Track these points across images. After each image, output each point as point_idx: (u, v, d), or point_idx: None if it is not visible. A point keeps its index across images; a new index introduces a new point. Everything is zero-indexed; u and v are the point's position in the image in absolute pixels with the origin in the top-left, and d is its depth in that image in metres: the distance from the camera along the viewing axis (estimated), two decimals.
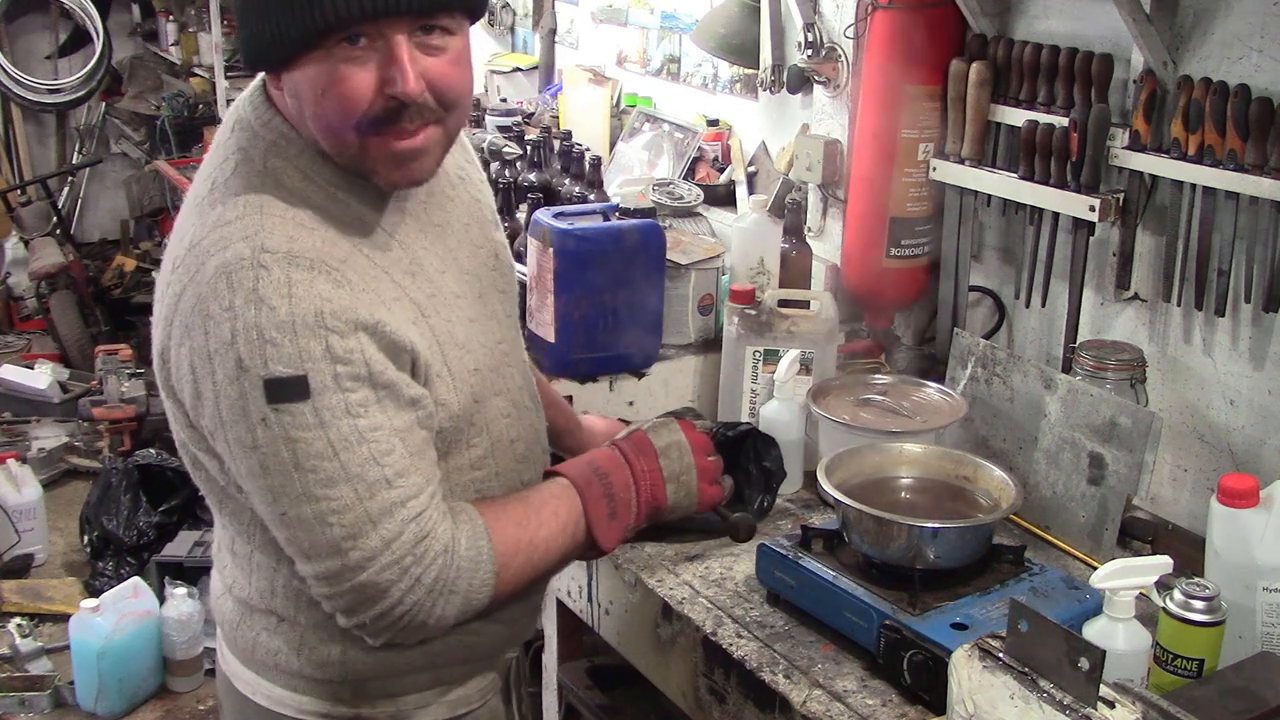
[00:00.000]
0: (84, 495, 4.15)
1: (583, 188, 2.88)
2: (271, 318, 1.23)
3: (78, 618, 3.38)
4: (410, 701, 1.50)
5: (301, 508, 1.27)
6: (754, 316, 2.30)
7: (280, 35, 1.26)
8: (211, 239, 1.28)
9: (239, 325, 1.23)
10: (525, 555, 1.42)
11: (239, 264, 1.25)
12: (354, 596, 1.30)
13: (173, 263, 1.32)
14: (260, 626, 1.48)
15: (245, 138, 1.37)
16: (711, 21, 2.95)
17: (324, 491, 1.26)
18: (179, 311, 1.29)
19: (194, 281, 1.27)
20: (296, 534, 1.29)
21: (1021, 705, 1.25)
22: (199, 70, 6.09)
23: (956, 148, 2.33)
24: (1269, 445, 1.98)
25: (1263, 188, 1.87)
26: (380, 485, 1.28)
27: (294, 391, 1.23)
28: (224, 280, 1.25)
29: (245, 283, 1.24)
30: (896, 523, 1.69)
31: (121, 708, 3.40)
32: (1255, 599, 1.60)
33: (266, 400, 1.23)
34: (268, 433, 1.24)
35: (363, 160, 1.33)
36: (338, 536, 1.27)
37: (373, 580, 1.29)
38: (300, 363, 1.23)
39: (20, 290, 6.09)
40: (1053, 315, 2.33)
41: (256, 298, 1.23)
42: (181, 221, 1.36)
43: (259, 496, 1.30)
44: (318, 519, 1.27)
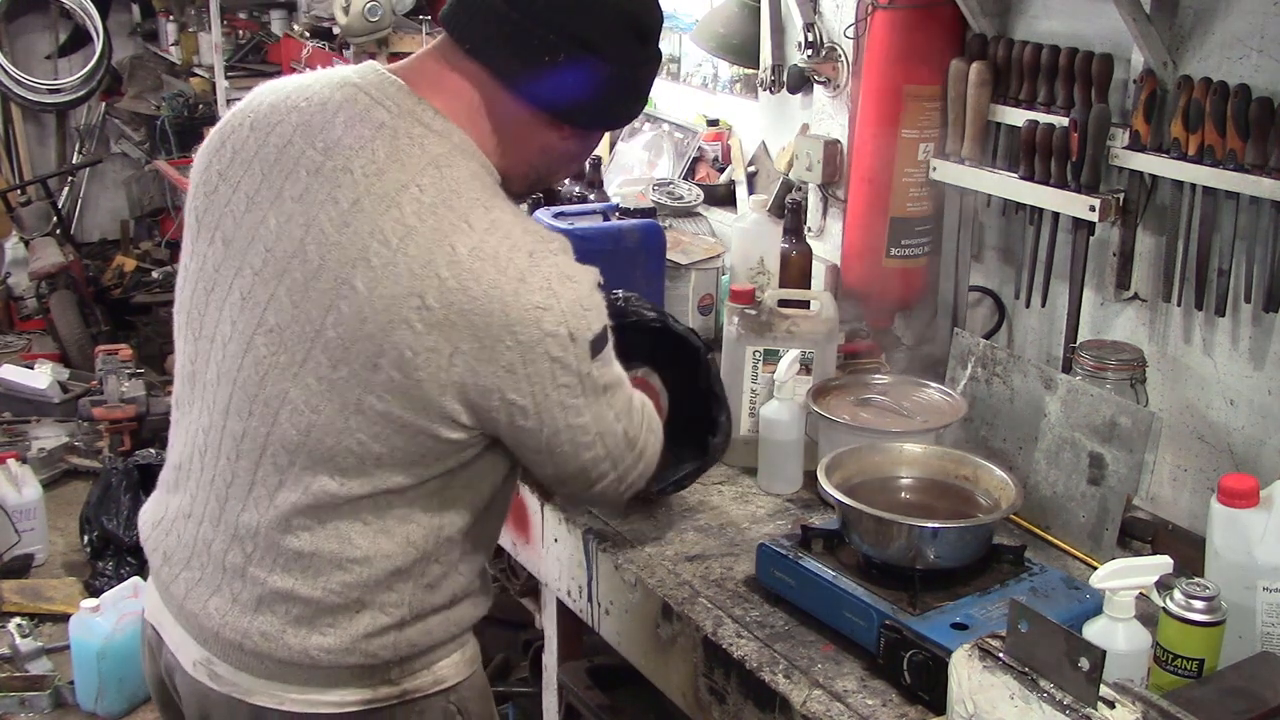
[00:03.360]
0: (84, 495, 4.15)
1: (583, 188, 2.88)
2: (581, 290, 1.42)
3: (78, 618, 3.38)
4: (444, 667, 1.57)
5: (607, 416, 1.49)
6: (754, 316, 2.30)
7: (621, 115, 1.63)
8: (495, 240, 1.38)
9: (564, 306, 1.39)
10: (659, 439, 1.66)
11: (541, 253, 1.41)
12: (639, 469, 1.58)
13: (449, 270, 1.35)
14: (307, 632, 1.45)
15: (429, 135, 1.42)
16: (711, 21, 2.95)
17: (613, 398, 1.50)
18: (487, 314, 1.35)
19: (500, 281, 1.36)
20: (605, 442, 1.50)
21: (1021, 705, 1.25)
22: (199, 70, 6.08)
23: (957, 148, 2.33)
24: (1269, 445, 1.98)
25: (1263, 188, 1.87)
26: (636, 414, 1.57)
27: (604, 341, 1.46)
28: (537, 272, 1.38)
29: (554, 269, 1.40)
30: (896, 523, 1.69)
31: (121, 708, 3.40)
32: (1255, 599, 1.60)
33: (591, 355, 1.43)
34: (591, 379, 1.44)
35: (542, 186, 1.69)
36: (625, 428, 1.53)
37: (649, 451, 1.60)
38: (603, 318, 1.46)
39: (20, 290, 6.09)
40: (1053, 315, 2.33)
41: (566, 278, 1.41)
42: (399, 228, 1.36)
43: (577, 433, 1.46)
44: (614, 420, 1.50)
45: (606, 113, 1.55)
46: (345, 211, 1.38)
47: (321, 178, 1.41)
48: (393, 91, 1.44)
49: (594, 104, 1.49)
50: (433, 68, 1.47)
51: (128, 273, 6.12)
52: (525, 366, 1.38)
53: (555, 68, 1.43)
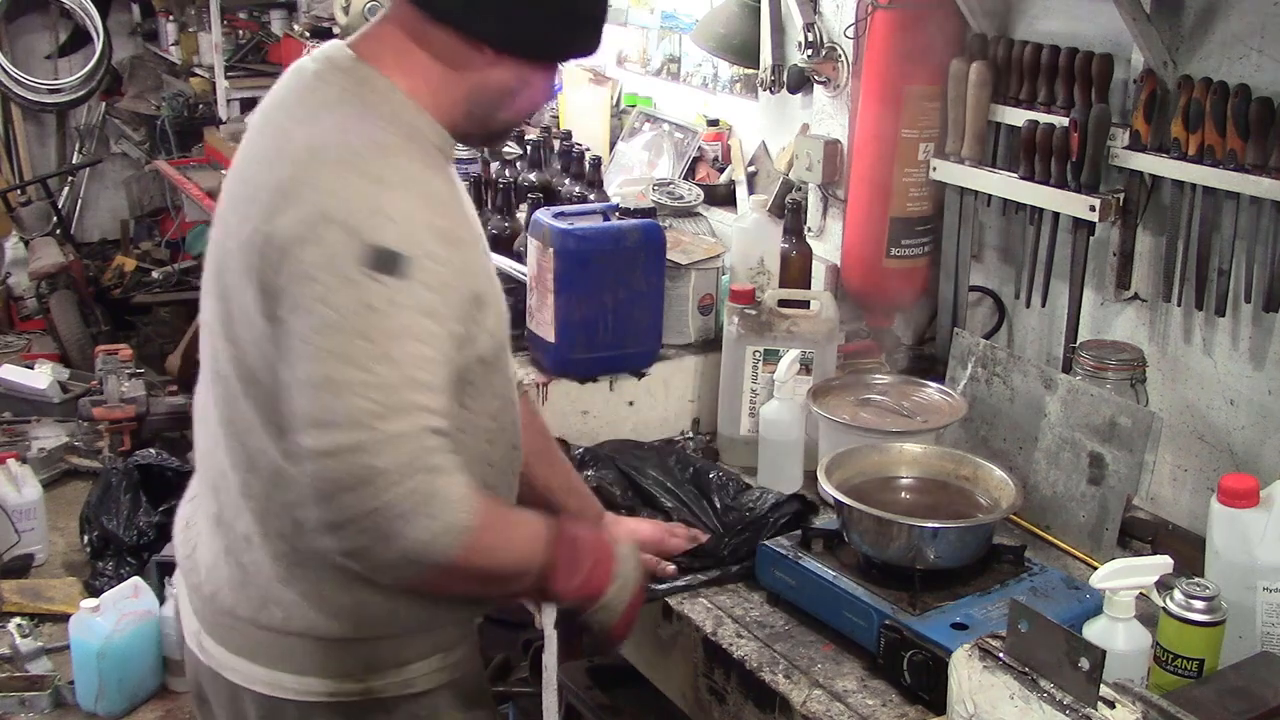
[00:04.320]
0: (84, 495, 4.15)
1: (583, 188, 2.88)
2: (393, 199, 1.34)
3: (78, 618, 3.38)
4: (415, 670, 1.54)
5: (348, 371, 1.30)
6: (754, 316, 2.30)
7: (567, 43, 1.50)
8: (331, 135, 1.38)
9: (356, 199, 1.33)
10: (497, 538, 1.43)
11: (365, 150, 1.36)
12: (351, 477, 1.30)
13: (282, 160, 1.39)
14: (272, 578, 1.48)
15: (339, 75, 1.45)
16: (711, 21, 2.95)
17: (373, 365, 1.31)
18: (282, 193, 1.35)
19: (313, 166, 1.35)
20: (328, 398, 1.31)
21: (1021, 705, 1.25)
22: (199, 70, 6.08)
23: (957, 148, 2.33)
24: (1269, 445, 1.98)
25: (1263, 188, 1.87)
26: (420, 386, 1.33)
27: (392, 265, 1.31)
28: (350, 162, 1.35)
29: (373, 168, 1.35)
30: (896, 523, 1.69)
31: (121, 708, 3.40)
32: (1255, 599, 1.60)
33: (362, 263, 1.30)
34: (351, 293, 1.30)
35: (507, 136, 1.63)
36: (365, 410, 1.30)
37: (375, 464, 1.30)
38: (407, 244, 1.32)
39: (20, 290, 6.08)
40: (1053, 315, 2.33)
41: (379, 178, 1.34)
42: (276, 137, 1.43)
43: (309, 356, 1.32)
44: (357, 386, 1.30)
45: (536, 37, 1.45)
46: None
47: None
48: (324, 52, 1.49)
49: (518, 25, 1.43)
50: (376, 24, 1.50)
51: (128, 273, 6.11)
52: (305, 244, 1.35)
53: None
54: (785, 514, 1.96)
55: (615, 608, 1.58)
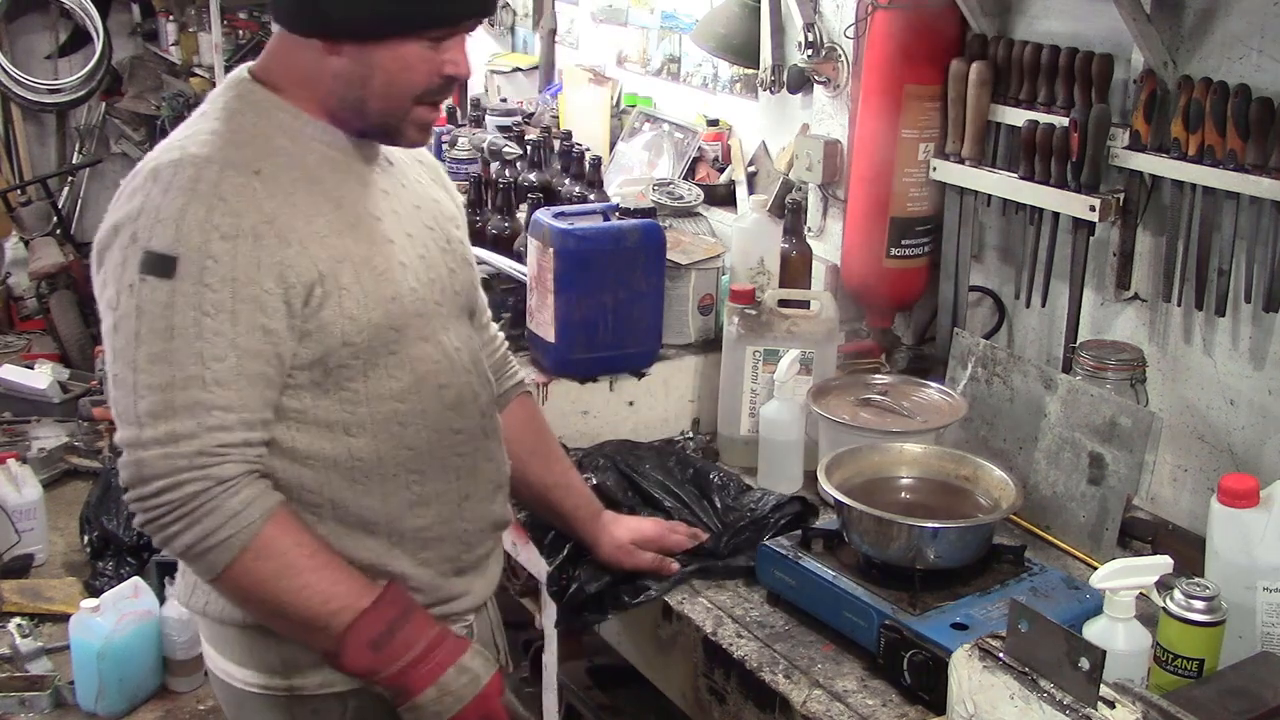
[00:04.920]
0: (84, 495, 4.15)
1: (583, 188, 2.88)
2: (170, 204, 1.38)
3: (78, 618, 3.38)
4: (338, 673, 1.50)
5: (126, 372, 1.38)
6: (754, 316, 2.30)
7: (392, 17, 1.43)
8: (159, 150, 1.46)
9: (146, 205, 1.39)
10: (277, 570, 1.41)
11: (167, 163, 1.42)
12: (131, 470, 1.38)
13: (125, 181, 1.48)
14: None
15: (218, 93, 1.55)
16: (711, 21, 2.95)
17: (146, 365, 1.37)
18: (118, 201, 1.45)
19: (131, 178, 1.45)
20: (116, 395, 1.39)
21: (1021, 705, 1.25)
22: (199, 70, 6.08)
23: (956, 148, 2.33)
24: (1269, 445, 1.98)
25: (1263, 188, 1.87)
26: (194, 382, 1.37)
27: (161, 268, 1.37)
28: (151, 175, 1.42)
29: (164, 176, 1.41)
30: (896, 523, 1.69)
31: (121, 708, 3.39)
32: (1255, 599, 1.60)
33: (139, 269, 1.37)
34: (128, 298, 1.38)
35: (400, 124, 1.52)
36: (140, 410, 1.37)
37: (148, 463, 1.37)
38: (176, 246, 1.37)
39: (20, 290, 6.09)
40: (1053, 315, 2.33)
41: (168, 187, 1.39)
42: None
43: (107, 356, 1.42)
44: (133, 387, 1.37)
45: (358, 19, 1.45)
46: None
47: None
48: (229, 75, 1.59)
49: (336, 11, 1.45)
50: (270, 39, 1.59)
51: None
52: (109, 250, 1.43)
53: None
54: (786, 515, 1.96)
55: (446, 709, 1.47)
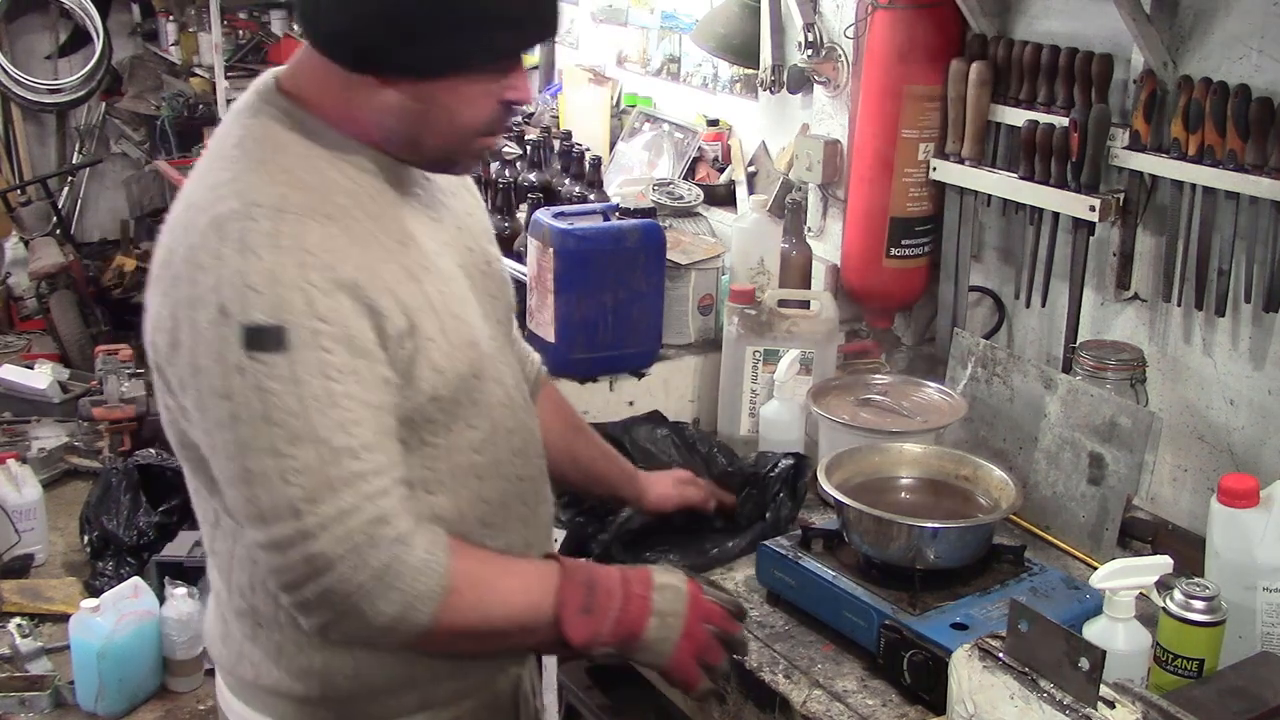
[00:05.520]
0: (84, 495, 4.15)
1: (583, 188, 2.88)
2: (256, 265, 1.24)
3: (78, 618, 3.38)
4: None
5: (264, 461, 1.24)
6: (754, 316, 2.30)
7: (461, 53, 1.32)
8: (208, 197, 1.31)
9: (225, 272, 1.24)
10: (479, 594, 1.35)
11: (230, 215, 1.27)
12: (302, 567, 1.26)
13: (170, 224, 1.35)
14: (242, 635, 1.44)
15: (249, 113, 1.39)
16: (711, 21, 2.95)
17: (289, 449, 1.24)
18: (168, 266, 1.31)
19: (188, 234, 1.29)
20: (256, 492, 1.25)
21: (1021, 705, 1.25)
22: (199, 70, 6.08)
23: (956, 148, 2.33)
24: (1269, 445, 1.98)
25: (1262, 188, 1.87)
26: (345, 454, 1.26)
27: (272, 341, 1.23)
28: (214, 232, 1.26)
29: (233, 233, 1.25)
30: (896, 523, 1.69)
31: (121, 708, 3.40)
32: (1255, 599, 1.60)
33: (244, 347, 1.23)
34: (241, 381, 1.23)
35: (459, 155, 1.42)
36: (295, 497, 1.24)
37: (322, 551, 1.25)
38: (280, 313, 1.23)
39: (20, 290, 6.08)
40: (1053, 315, 2.33)
41: (243, 246, 1.25)
42: (183, 190, 1.39)
43: (224, 452, 1.27)
44: (279, 475, 1.24)
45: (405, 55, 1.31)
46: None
47: None
48: (253, 87, 1.43)
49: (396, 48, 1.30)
50: (299, 51, 1.42)
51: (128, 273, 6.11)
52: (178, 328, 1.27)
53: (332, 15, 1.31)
54: (785, 468, 1.99)
55: (661, 647, 1.43)
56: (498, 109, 1.38)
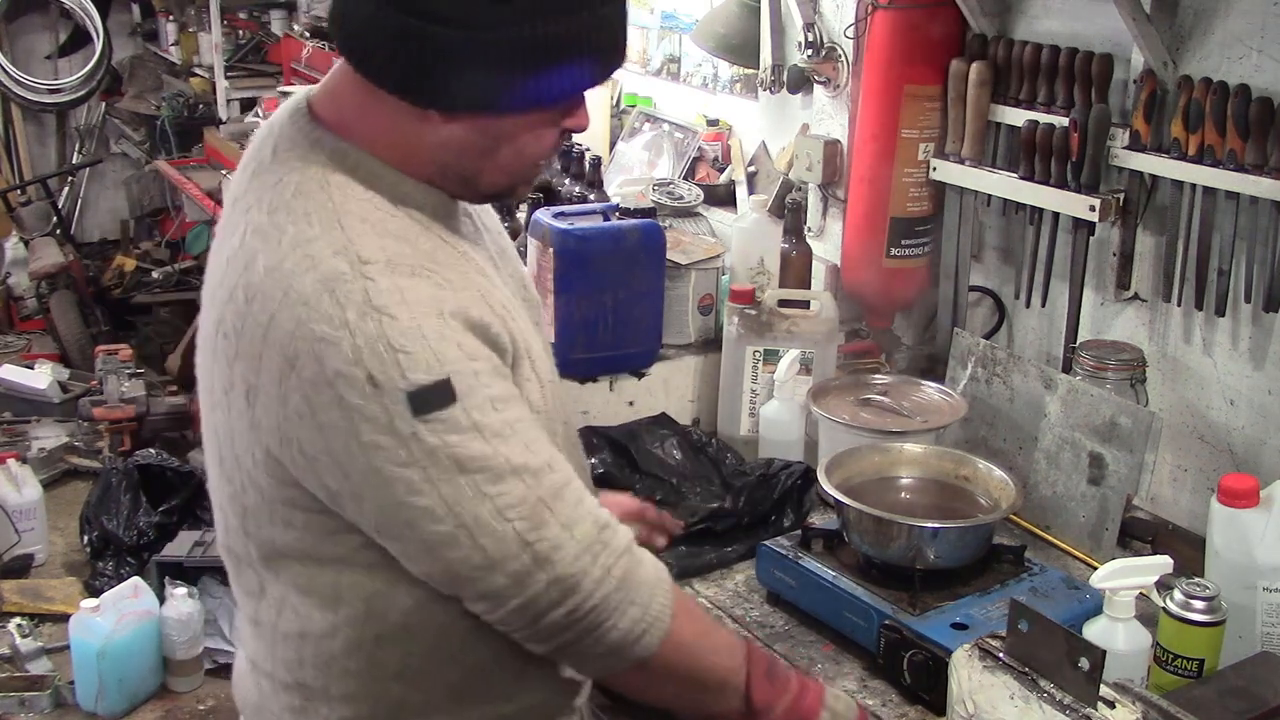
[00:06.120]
0: (84, 495, 4.15)
1: (583, 188, 2.88)
2: (395, 326, 1.16)
3: (78, 618, 3.38)
4: None
5: (479, 509, 1.19)
6: (754, 316, 2.30)
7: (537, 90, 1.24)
8: (294, 258, 1.20)
9: (360, 342, 1.16)
10: (697, 630, 1.34)
11: (340, 279, 1.17)
12: (551, 593, 1.22)
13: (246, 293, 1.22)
14: (282, 707, 1.39)
15: (296, 157, 1.29)
16: (711, 21, 2.95)
17: (495, 489, 1.20)
18: (271, 344, 1.19)
19: (286, 305, 1.18)
20: (480, 542, 1.20)
21: (1021, 705, 1.25)
22: (199, 70, 6.08)
23: (956, 148, 2.33)
24: (1269, 445, 1.98)
25: (1262, 188, 1.87)
26: (544, 471, 1.23)
27: (440, 397, 1.17)
28: (328, 297, 1.17)
29: (355, 296, 1.17)
30: (896, 523, 1.69)
31: (121, 708, 3.40)
32: (1255, 599, 1.60)
33: (413, 413, 1.16)
34: (422, 446, 1.17)
35: (517, 187, 1.37)
36: (521, 530, 1.20)
37: (567, 572, 1.22)
38: (440, 366, 1.18)
39: (20, 290, 6.08)
40: (1053, 315, 2.33)
41: (372, 309, 1.16)
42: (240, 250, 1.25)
43: (424, 520, 1.20)
44: (496, 516, 1.20)
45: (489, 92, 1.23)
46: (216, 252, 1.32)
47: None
48: (287, 116, 1.34)
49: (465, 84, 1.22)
50: (336, 77, 1.33)
51: (128, 273, 6.12)
52: (316, 413, 1.18)
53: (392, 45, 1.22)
54: (793, 473, 2.00)
55: None
56: (558, 137, 1.33)
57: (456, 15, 1.19)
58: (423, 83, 1.23)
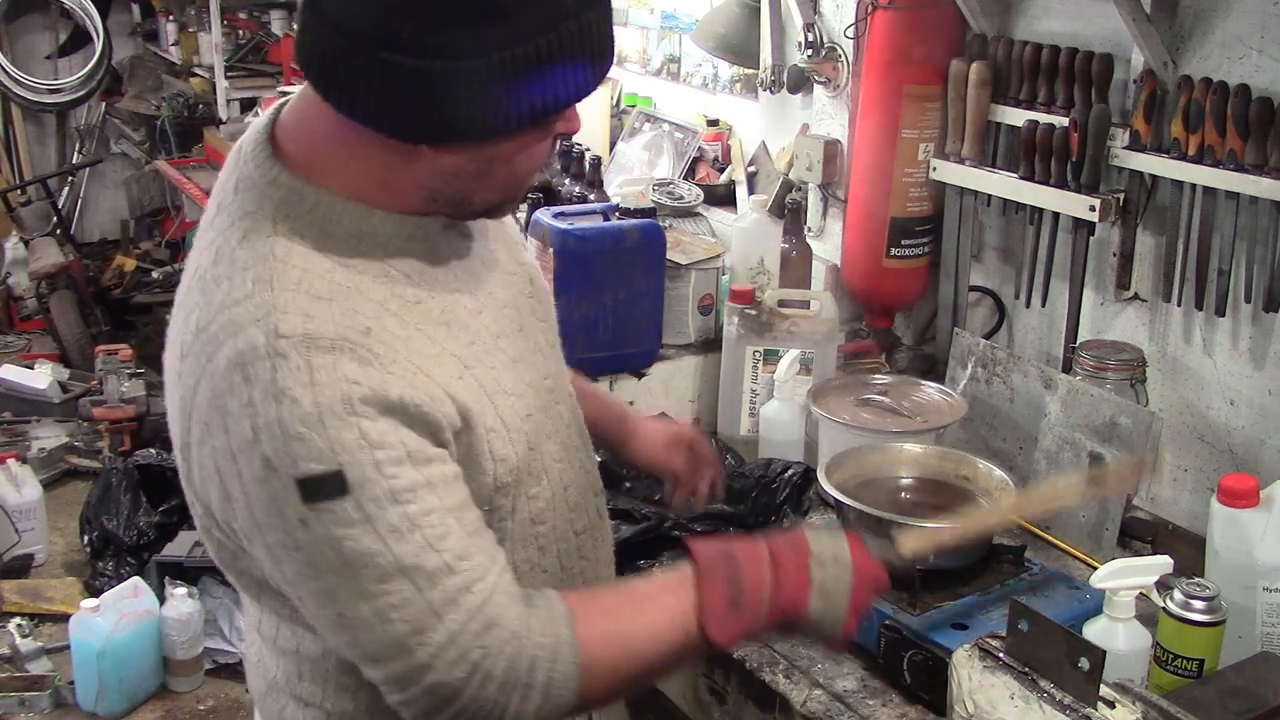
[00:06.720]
0: (84, 495, 4.14)
1: (583, 188, 2.88)
2: (295, 411, 1.12)
3: (78, 618, 3.38)
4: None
5: (359, 608, 1.15)
6: (754, 316, 2.30)
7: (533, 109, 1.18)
8: (220, 322, 1.17)
9: (260, 422, 1.12)
10: (619, 648, 1.26)
11: (253, 354, 1.13)
12: (428, 699, 1.18)
13: (181, 349, 1.21)
14: (285, 702, 1.40)
15: (251, 199, 1.24)
16: (711, 21, 2.95)
17: (380, 588, 1.14)
18: (195, 408, 1.18)
19: (207, 374, 1.16)
20: (358, 636, 1.17)
21: (1021, 705, 1.25)
22: (199, 70, 6.08)
23: (956, 148, 2.33)
24: (1269, 445, 1.98)
25: (1263, 188, 1.87)
26: (441, 573, 1.16)
27: (331, 488, 1.12)
28: (239, 373, 1.13)
29: (262, 375, 1.12)
30: (896, 523, 1.69)
31: (121, 708, 3.40)
32: (1255, 599, 1.60)
33: (302, 500, 1.12)
34: (309, 534, 1.13)
35: (509, 202, 1.32)
36: (402, 634, 1.15)
37: (443, 680, 1.16)
38: (333, 456, 1.12)
39: (20, 290, 6.08)
40: (1053, 315, 2.33)
41: (276, 390, 1.12)
42: (185, 296, 1.24)
43: (311, 600, 1.18)
44: (378, 617, 1.15)
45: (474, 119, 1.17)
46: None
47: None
48: (250, 147, 1.27)
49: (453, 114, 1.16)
50: (302, 106, 1.26)
51: (128, 273, 6.12)
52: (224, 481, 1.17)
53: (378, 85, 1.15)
54: (795, 474, 2.01)
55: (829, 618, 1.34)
56: (551, 146, 1.28)
57: (443, 46, 1.12)
58: (412, 119, 1.17)
